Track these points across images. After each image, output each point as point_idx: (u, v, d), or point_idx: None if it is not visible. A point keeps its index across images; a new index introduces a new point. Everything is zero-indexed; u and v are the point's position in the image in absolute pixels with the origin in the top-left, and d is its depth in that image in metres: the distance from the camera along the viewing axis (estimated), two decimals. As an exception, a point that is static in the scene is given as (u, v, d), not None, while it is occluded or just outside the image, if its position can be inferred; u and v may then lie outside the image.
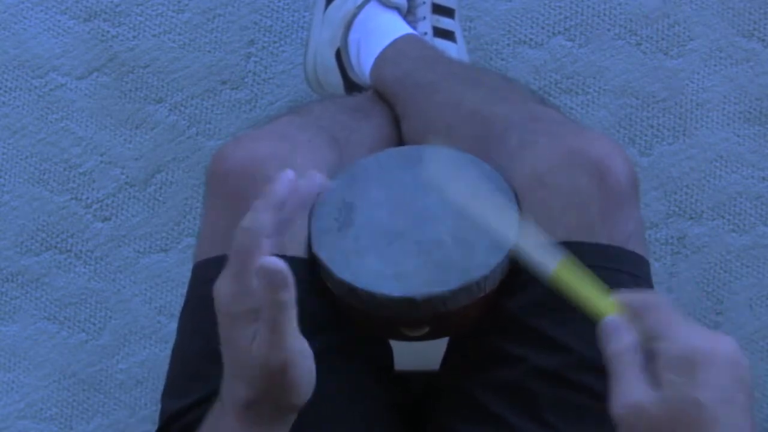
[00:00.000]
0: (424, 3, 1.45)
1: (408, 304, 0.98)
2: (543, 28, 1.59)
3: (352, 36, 1.43)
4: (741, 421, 0.76)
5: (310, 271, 1.02)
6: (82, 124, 1.59)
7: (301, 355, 0.86)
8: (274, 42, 1.59)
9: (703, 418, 0.75)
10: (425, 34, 1.45)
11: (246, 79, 1.59)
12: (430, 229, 1.01)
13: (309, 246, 1.02)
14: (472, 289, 0.98)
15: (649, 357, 0.78)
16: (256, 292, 0.84)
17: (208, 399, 0.94)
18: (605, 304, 0.82)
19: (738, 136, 1.59)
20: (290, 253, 1.01)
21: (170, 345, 1.09)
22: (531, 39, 1.59)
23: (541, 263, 0.87)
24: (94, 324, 1.59)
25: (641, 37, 1.59)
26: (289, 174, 0.88)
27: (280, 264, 0.83)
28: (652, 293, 0.82)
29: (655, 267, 1.51)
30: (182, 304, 1.10)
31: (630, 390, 0.77)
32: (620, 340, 0.79)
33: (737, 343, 0.77)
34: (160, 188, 1.59)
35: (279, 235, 0.87)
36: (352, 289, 0.99)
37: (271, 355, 0.84)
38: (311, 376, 0.88)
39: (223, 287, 0.86)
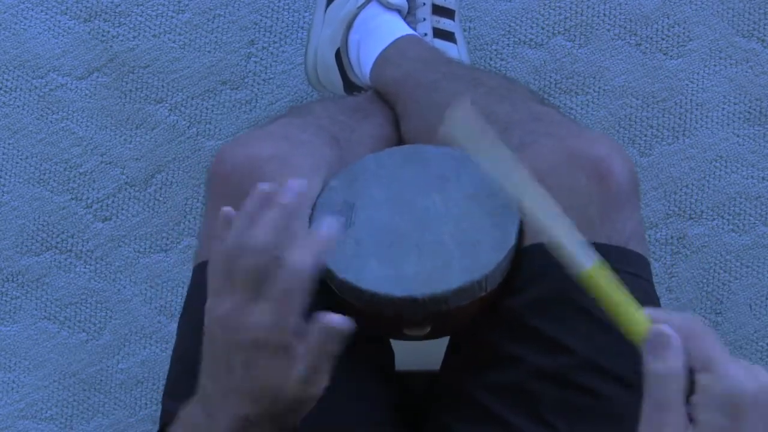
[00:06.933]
0: (424, 4, 1.45)
1: (410, 303, 0.98)
2: (543, 28, 1.59)
3: (353, 36, 1.43)
4: None
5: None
6: (82, 124, 1.59)
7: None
8: (274, 42, 1.59)
9: None
10: (425, 35, 1.45)
11: (246, 79, 1.59)
12: (431, 228, 1.01)
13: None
14: (474, 289, 0.98)
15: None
16: (295, 330, 0.85)
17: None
18: (640, 317, 0.76)
19: (738, 136, 1.59)
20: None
21: (170, 345, 1.09)
22: (531, 39, 1.59)
23: (576, 259, 0.81)
24: (94, 324, 1.59)
25: (641, 37, 1.59)
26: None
27: (346, 323, 0.85)
28: (696, 318, 0.75)
29: (655, 267, 1.51)
30: (182, 305, 1.10)
31: (672, 425, 0.72)
32: (670, 361, 0.73)
33: None
34: (160, 188, 1.59)
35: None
36: (353, 289, 0.99)
37: (307, 392, 0.86)
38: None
39: (254, 316, 0.85)
